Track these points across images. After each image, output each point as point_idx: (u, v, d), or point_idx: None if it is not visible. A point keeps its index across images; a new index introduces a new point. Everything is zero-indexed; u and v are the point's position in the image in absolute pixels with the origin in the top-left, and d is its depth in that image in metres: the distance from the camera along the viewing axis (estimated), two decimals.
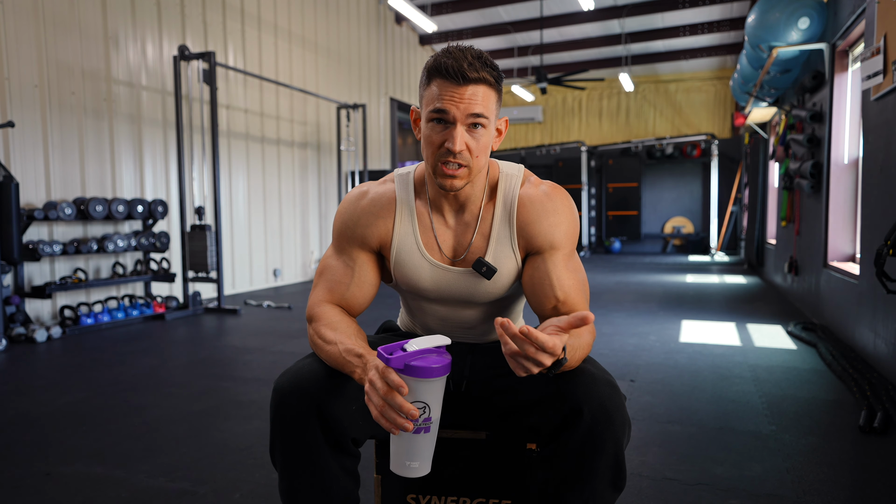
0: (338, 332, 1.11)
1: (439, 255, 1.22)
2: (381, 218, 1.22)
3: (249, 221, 6.71)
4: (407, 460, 0.99)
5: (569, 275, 1.18)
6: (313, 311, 1.20)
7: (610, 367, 3.28)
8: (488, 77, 1.08)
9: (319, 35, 7.84)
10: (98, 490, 1.86)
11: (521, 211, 1.19)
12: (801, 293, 5.19)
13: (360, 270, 1.22)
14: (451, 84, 1.07)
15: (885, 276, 2.49)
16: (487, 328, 1.32)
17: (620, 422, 1.02)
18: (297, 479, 1.10)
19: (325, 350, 1.10)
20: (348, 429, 1.10)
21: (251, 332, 4.40)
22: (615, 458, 1.03)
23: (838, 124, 4.28)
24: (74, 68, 4.71)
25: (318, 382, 1.07)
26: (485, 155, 1.13)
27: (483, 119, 1.09)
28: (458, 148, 1.08)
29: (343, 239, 1.23)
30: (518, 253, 1.20)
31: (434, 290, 1.24)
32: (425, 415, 0.97)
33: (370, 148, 8.90)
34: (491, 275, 1.19)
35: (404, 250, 1.22)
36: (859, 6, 3.56)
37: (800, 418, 2.47)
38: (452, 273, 1.22)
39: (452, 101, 1.07)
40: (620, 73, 10.42)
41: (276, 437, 1.09)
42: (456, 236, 1.22)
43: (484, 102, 1.08)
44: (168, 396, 2.83)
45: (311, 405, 1.05)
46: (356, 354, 1.05)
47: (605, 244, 12.28)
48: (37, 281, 4.44)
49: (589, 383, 1.04)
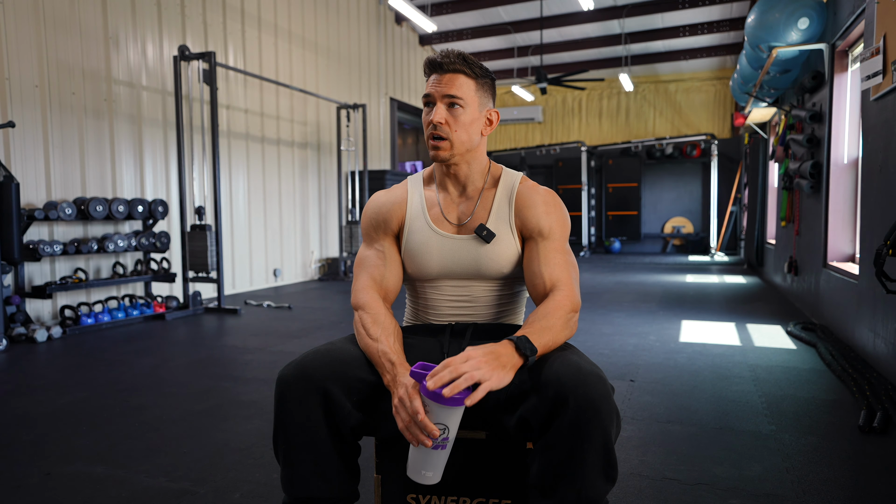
0: (380, 327, 1.25)
1: (445, 224, 1.38)
2: (397, 203, 1.42)
3: (249, 221, 6.71)
4: (423, 470, 1.12)
5: (557, 256, 1.32)
6: (359, 298, 1.34)
7: (610, 367, 3.28)
8: (464, 68, 1.30)
9: (319, 35, 7.84)
10: (98, 490, 1.86)
11: (519, 195, 1.38)
12: (800, 293, 5.19)
13: (390, 253, 1.40)
14: (435, 73, 1.32)
15: (884, 276, 2.49)
16: (493, 309, 1.41)
17: (607, 411, 1.03)
18: (298, 465, 1.15)
19: (367, 342, 1.24)
20: (348, 417, 1.15)
21: (251, 332, 4.40)
22: (604, 447, 1.04)
23: (838, 124, 4.28)
24: (75, 68, 4.71)
25: (321, 369, 1.15)
26: (464, 131, 1.32)
27: (458, 100, 1.30)
28: (437, 119, 1.29)
29: (371, 230, 1.42)
30: (515, 231, 1.36)
31: (439, 264, 1.37)
32: (444, 434, 1.08)
33: (370, 148, 8.90)
34: (490, 238, 1.34)
35: (414, 224, 1.39)
36: (859, 6, 3.56)
37: (799, 418, 2.47)
38: (457, 241, 1.36)
39: (433, 86, 1.31)
40: (620, 74, 10.42)
41: (279, 423, 1.15)
42: (459, 208, 1.40)
43: (460, 87, 1.30)
44: (168, 396, 2.83)
45: (314, 388, 1.13)
46: (390, 360, 1.17)
47: (605, 244, 12.28)
48: (37, 281, 4.44)
49: (574, 374, 1.06)
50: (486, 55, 10.88)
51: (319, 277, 7.83)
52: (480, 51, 10.84)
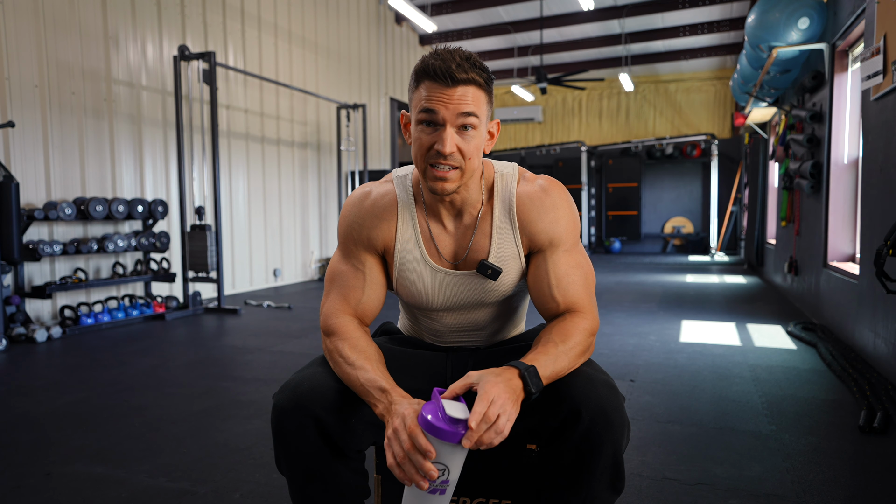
0: (360, 354, 1.09)
1: (440, 261, 1.20)
2: (385, 220, 1.19)
3: (249, 221, 6.71)
4: None
5: (570, 271, 1.17)
6: (330, 323, 1.17)
7: (610, 367, 3.28)
8: (478, 78, 1.06)
9: (319, 35, 7.84)
10: (98, 490, 1.86)
11: (520, 209, 1.18)
12: (800, 293, 5.19)
13: (371, 274, 1.21)
14: (439, 85, 1.04)
15: (884, 276, 2.49)
16: (497, 327, 1.32)
17: (619, 423, 1.01)
18: (307, 486, 1.11)
19: (346, 371, 1.08)
20: (350, 441, 1.10)
21: (251, 332, 4.40)
22: (613, 459, 1.02)
23: (838, 124, 4.28)
24: (74, 68, 4.71)
25: (316, 399, 1.06)
26: (477, 157, 1.11)
27: (473, 119, 1.06)
28: (449, 150, 1.05)
29: (349, 241, 1.21)
30: (522, 250, 1.19)
31: (440, 299, 1.22)
32: (443, 477, 0.94)
33: (370, 148, 8.90)
34: (496, 276, 1.17)
35: (407, 257, 1.20)
36: (859, 6, 3.56)
37: (800, 418, 2.47)
38: (456, 277, 1.20)
39: (441, 102, 1.04)
40: (620, 73, 10.42)
41: (279, 451, 1.10)
42: (456, 240, 1.20)
43: (474, 103, 1.06)
44: (168, 396, 2.83)
45: (310, 421, 1.05)
46: (380, 388, 1.03)
47: (605, 244, 12.28)
48: (37, 281, 4.44)
49: (587, 385, 1.03)
50: (486, 55, 10.88)
51: (319, 277, 7.83)
52: (480, 51, 10.83)
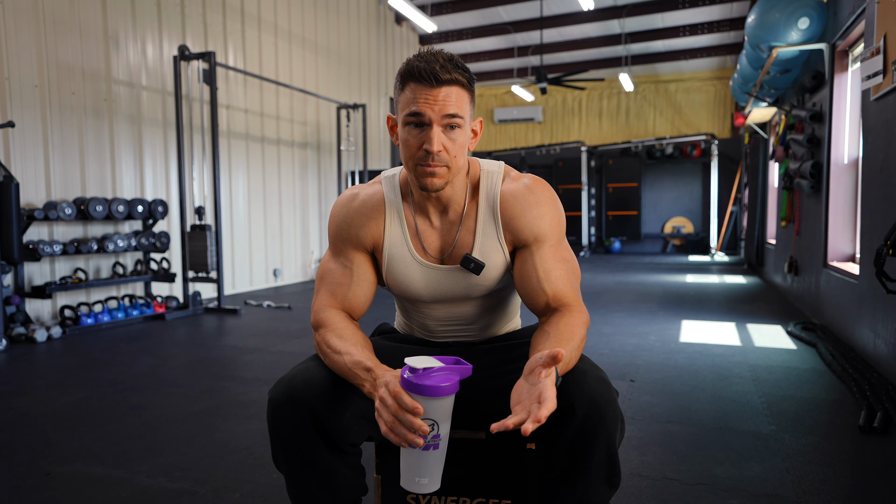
0: (345, 341, 1.13)
1: (426, 256, 1.24)
2: (373, 219, 1.24)
3: (249, 221, 6.71)
4: (417, 476, 1.00)
5: (557, 265, 1.20)
6: (319, 318, 1.21)
7: (610, 367, 3.28)
8: (461, 78, 1.11)
9: (319, 35, 7.84)
10: (98, 490, 1.86)
11: (504, 206, 1.22)
12: (800, 293, 5.19)
13: (358, 271, 1.25)
14: (424, 87, 1.09)
15: (884, 276, 2.49)
16: (487, 321, 1.34)
17: (612, 417, 1.02)
18: (304, 482, 1.12)
19: (333, 359, 1.11)
20: (345, 434, 1.11)
21: (251, 332, 4.40)
22: (608, 453, 1.03)
23: (838, 124, 4.28)
24: (74, 68, 4.71)
25: (310, 391, 1.08)
26: (462, 155, 1.16)
27: (458, 119, 1.11)
28: (436, 148, 1.10)
29: (339, 241, 1.26)
30: (506, 246, 1.23)
31: (427, 292, 1.26)
32: (434, 432, 0.98)
33: (370, 148, 8.90)
34: (479, 270, 1.21)
35: (395, 252, 1.24)
36: (859, 6, 3.56)
37: (800, 418, 2.47)
38: (442, 271, 1.24)
39: (427, 104, 1.09)
40: (620, 73, 10.42)
41: (276, 446, 1.11)
42: (441, 236, 1.24)
43: (458, 103, 1.11)
44: (168, 396, 2.83)
45: (305, 415, 1.06)
46: (365, 368, 1.06)
47: (605, 244, 12.28)
48: (37, 281, 4.44)
49: (579, 380, 1.05)
50: (486, 55, 10.88)
51: None
52: (480, 51, 10.84)
